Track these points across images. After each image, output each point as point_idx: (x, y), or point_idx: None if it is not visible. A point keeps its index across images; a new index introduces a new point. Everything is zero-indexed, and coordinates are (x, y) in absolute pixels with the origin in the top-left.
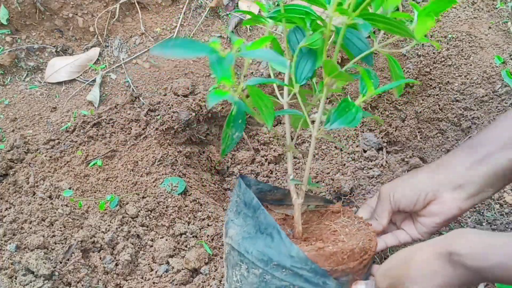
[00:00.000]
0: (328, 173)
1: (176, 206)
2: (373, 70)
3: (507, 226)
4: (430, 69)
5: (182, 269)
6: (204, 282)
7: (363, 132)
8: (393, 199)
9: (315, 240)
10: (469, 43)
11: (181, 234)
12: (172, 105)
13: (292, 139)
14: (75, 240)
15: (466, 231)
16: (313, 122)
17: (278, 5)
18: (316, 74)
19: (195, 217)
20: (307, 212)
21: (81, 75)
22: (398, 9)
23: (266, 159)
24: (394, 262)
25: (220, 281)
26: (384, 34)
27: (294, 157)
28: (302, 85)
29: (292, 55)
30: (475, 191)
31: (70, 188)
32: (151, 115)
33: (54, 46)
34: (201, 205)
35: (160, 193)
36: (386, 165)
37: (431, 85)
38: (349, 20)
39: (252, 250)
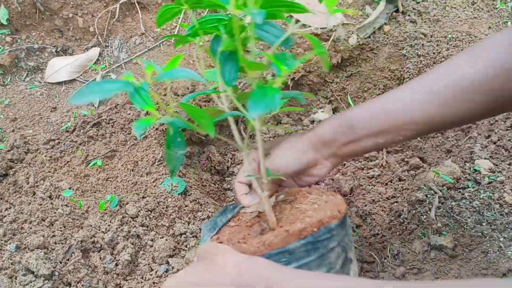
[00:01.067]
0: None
1: (176, 206)
2: (373, 69)
3: (507, 226)
4: (430, 69)
5: (182, 269)
6: None
7: None
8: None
9: (288, 225)
10: (469, 43)
11: (181, 234)
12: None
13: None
14: (75, 240)
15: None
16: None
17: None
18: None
19: (195, 217)
20: (279, 203)
21: (81, 75)
22: None
23: None
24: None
25: None
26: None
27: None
28: (234, 86)
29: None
30: (344, 158)
31: (70, 188)
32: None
33: (54, 46)
34: (201, 205)
35: (160, 193)
36: (386, 165)
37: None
38: (248, 13)
39: None
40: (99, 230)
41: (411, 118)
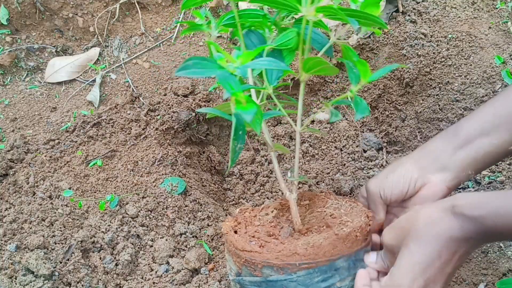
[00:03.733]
0: (328, 173)
1: (176, 206)
2: (373, 69)
3: None
4: (430, 69)
5: (182, 269)
6: (204, 282)
7: (363, 132)
8: (384, 195)
9: (319, 228)
10: (469, 43)
11: (181, 234)
12: (172, 105)
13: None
14: (75, 240)
15: (469, 193)
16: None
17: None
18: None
19: (195, 217)
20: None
21: (81, 75)
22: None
23: (266, 159)
24: (400, 220)
25: (220, 281)
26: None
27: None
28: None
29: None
30: (459, 173)
31: (70, 188)
32: (151, 115)
33: (54, 46)
34: (201, 205)
35: (160, 193)
36: (386, 165)
37: (431, 85)
38: (315, 17)
39: None
40: (99, 230)
41: None
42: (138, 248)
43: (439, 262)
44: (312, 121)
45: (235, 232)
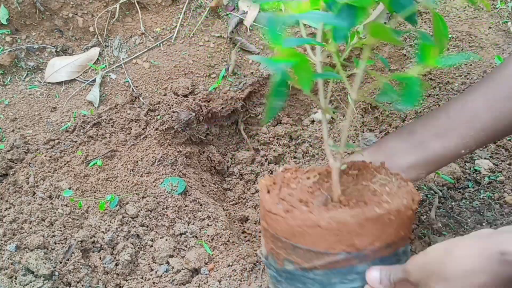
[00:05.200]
0: None
1: (176, 206)
2: (373, 70)
3: None
4: (430, 69)
5: (182, 269)
6: (204, 282)
7: (363, 132)
8: None
9: (356, 203)
10: (469, 43)
11: (181, 234)
12: (172, 105)
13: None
14: (75, 240)
15: None
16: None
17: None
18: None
19: (195, 217)
20: (340, 173)
21: (81, 75)
22: None
23: (266, 159)
24: (432, 255)
25: (220, 281)
26: None
27: (295, 158)
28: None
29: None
30: (410, 172)
31: (70, 188)
32: (151, 115)
33: (54, 46)
34: (201, 205)
35: (160, 193)
36: None
37: (431, 85)
38: None
39: None
40: (99, 230)
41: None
42: (138, 248)
43: None
44: (312, 121)
45: (268, 191)
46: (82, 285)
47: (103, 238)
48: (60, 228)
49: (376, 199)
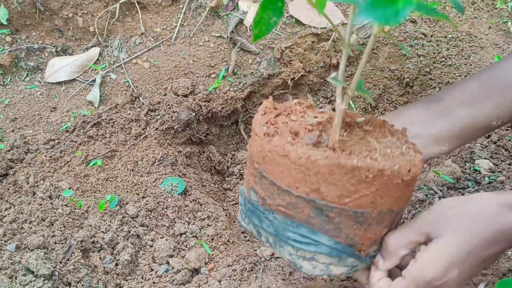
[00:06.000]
0: None
1: (176, 206)
2: (373, 70)
3: None
4: (430, 69)
5: (182, 269)
6: (204, 282)
7: None
8: None
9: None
10: (469, 43)
11: (181, 234)
12: (172, 105)
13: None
14: (75, 240)
15: None
16: None
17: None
18: None
19: (195, 217)
20: (352, 125)
21: (81, 75)
22: None
23: None
24: (437, 208)
25: (220, 281)
26: None
27: None
28: None
29: None
30: (430, 144)
31: (70, 188)
32: (151, 115)
33: (54, 46)
34: (201, 205)
35: (160, 193)
36: None
37: (431, 85)
38: None
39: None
40: (99, 230)
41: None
42: (138, 248)
43: (482, 254)
44: None
45: (264, 113)
46: (82, 285)
47: (103, 238)
48: (60, 228)
49: (365, 154)
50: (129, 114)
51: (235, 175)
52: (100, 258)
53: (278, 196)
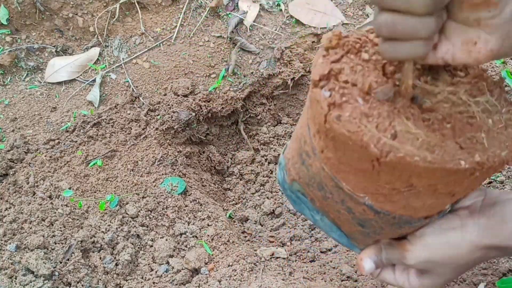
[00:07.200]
0: None
1: (176, 206)
2: None
3: None
4: None
5: (182, 269)
6: (204, 282)
7: None
8: None
9: (439, 124)
10: None
11: (181, 234)
12: (172, 105)
13: None
14: (75, 240)
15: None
16: None
17: (278, 4)
18: None
19: (195, 217)
20: (438, 68)
21: (81, 75)
22: None
23: (266, 159)
24: (437, 251)
25: (220, 281)
26: None
27: None
28: None
29: None
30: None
31: (70, 188)
32: (151, 115)
33: (54, 46)
34: (201, 205)
35: (160, 193)
36: None
37: None
38: None
39: None
40: (99, 230)
41: None
42: (138, 248)
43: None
44: None
45: (326, 54)
46: (82, 285)
47: (103, 238)
48: (60, 228)
49: (468, 135)
50: (129, 114)
51: (235, 175)
52: (100, 258)
53: (336, 203)
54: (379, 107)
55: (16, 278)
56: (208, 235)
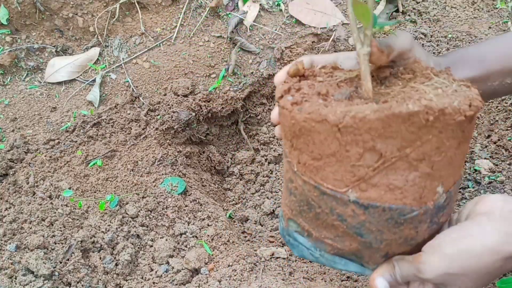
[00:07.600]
0: None
1: (176, 206)
2: None
3: None
4: None
5: (182, 269)
6: (204, 282)
7: None
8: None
9: (390, 100)
10: (469, 43)
11: (181, 234)
12: (172, 105)
13: None
14: (75, 240)
15: None
16: None
17: (278, 4)
18: None
19: (195, 217)
20: (390, 77)
21: (81, 75)
22: None
23: (266, 159)
24: (455, 263)
25: (220, 281)
26: None
27: None
28: None
29: None
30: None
31: (70, 188)
32: (151, 115)
33: (54, 46)
34: (201, 205)
35: (160, 193)
36: None
37: None
38: None
39: None
40: (99, 230)
41: None
42: (138, 248)
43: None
44: None
45: (285, 82)
46: (82, 285)
47: (103, 238)
48: (60, 228)
49: (416, 97)
50: (129, 114)
51: (235, 175)
52: (100, 258)
53: (327, 215)
54: (337, 103)
55: (16, 278)
56: (208, 235)
